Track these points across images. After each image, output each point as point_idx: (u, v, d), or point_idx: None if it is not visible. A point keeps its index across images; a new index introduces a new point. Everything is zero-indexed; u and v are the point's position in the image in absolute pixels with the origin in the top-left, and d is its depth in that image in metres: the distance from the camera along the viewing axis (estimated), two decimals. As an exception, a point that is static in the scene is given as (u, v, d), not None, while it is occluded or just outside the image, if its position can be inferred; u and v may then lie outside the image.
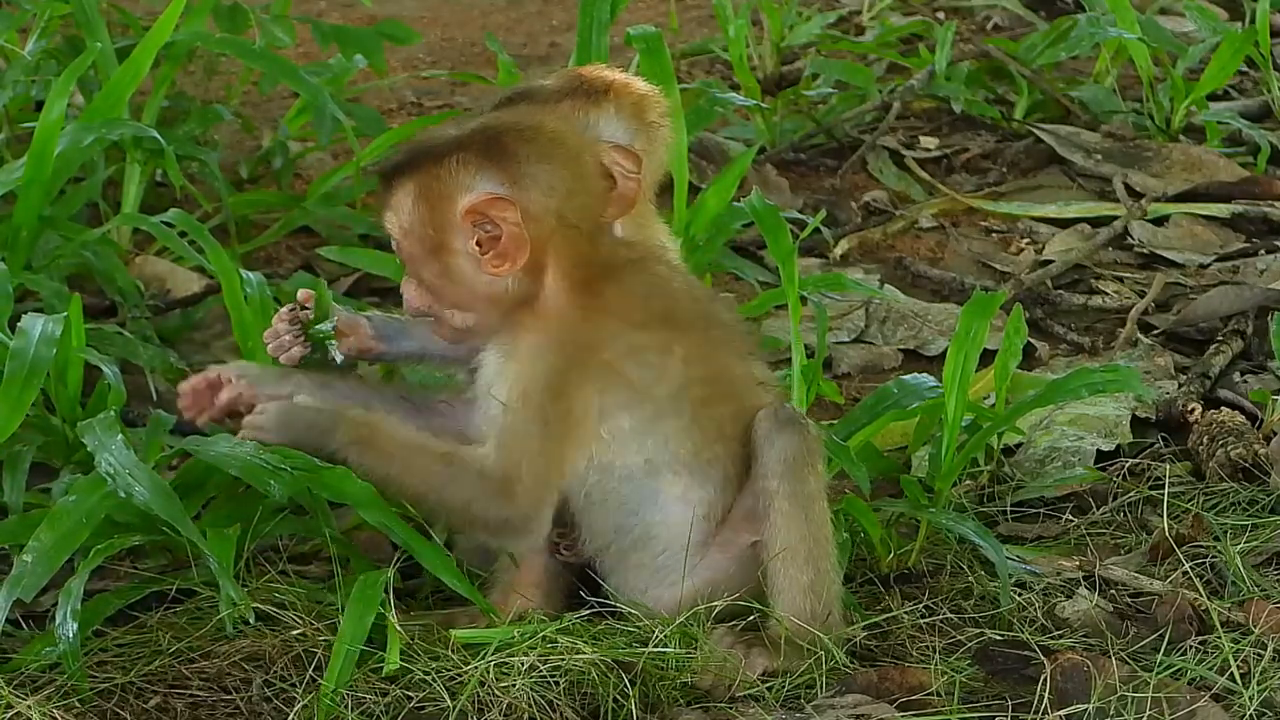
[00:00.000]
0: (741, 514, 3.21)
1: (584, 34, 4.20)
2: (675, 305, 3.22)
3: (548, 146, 3.13)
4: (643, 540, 3.22)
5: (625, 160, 3.28)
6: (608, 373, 3.14)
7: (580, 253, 3.16)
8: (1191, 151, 5.58)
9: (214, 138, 5.16)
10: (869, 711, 3.07)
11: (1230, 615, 3.30)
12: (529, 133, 3.14)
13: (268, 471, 3.19)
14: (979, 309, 3.58)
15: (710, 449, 3.21)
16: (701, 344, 3.22)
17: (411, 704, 3.03)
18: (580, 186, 3.15)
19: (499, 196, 3.09)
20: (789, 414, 3.20)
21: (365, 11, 6.51)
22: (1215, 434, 3.95)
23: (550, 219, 3.12)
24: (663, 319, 3.19)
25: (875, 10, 6.85)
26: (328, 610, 3.20)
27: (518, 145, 3.12)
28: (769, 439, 3.18)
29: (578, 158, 3.16)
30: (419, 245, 3.16)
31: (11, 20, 4.77)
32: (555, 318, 3.14)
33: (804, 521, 3.16)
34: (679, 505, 3.21)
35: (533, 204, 3.10)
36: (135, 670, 3.12)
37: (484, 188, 3.10)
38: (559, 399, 3.11)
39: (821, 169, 5.63)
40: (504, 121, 3.19)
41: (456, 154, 3.12)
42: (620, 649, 3.11)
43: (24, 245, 3.89)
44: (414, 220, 3.14)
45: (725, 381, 3.23)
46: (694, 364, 3.19)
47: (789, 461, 3.16)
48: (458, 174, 3.11)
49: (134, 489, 3.09)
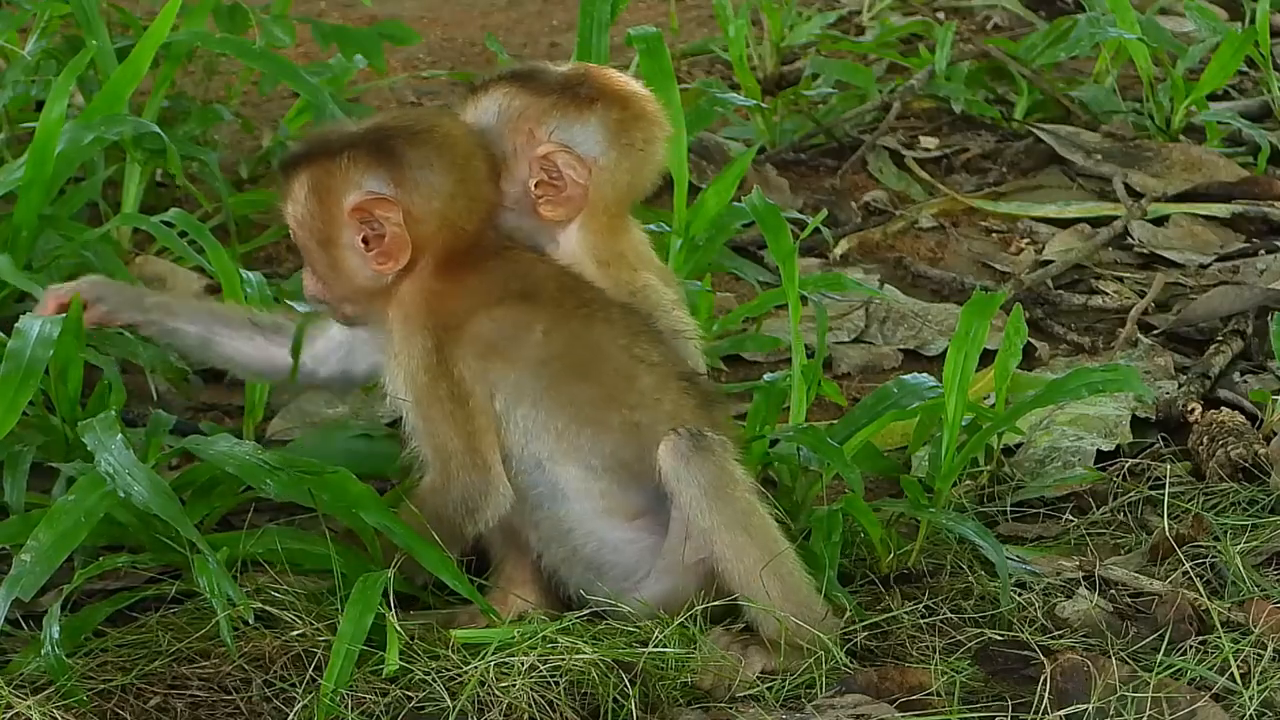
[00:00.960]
0: (679, 537, 3.18)
1: (584, 34, 4.20)
2: (536, 285, 3.24)
3: (435, 150, 3.21)
4: (564, 537, 3.23)
5: (576, 165, 3.31)
6: (473, 348, 3.17)
7: (454, 248, 3.23)
8: (1191, 151, 5.58)
9: (214, 138, 5.16)
10: (869, 711, 3.07)
11: (1230, 615, 3.30)
12: (420, 136, 3.22)
13: (265, 470, 3.19)
14: (979, 309, 3.57)
15: (583, 434, 3.19)
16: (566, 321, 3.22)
17: (411, 704, 3.03)
18: (464, 190, 3.23)
19: (383, 197, 3.18)
20: (689, 442, 3.15)
21: (365, 11, 6.51)
22: (1215, 434, 3.95)
23: (433, 220, 3.21)
24: (520, 296, 3.22)
25: (875, 10, 6.85)
26: (327, 610, 3.20)
27: (406, 148, 3.20)
28: (680, 477, 3.14)
29: (466, 162, 3.24)
30: (310, 237, 3.26)
31: (11, 20, 4.77)
32: (414, 303, 3.21)
33: (750, 543, 3.14)
34: (581, 499, 3.21)
35: (415, 205, 3.20)
36: (135, 670, 3.12)
37: (370, 187, 3.19)
38: (443, 375, 3.17)
39: (821, 169, 5.63)
40: (397, 122, 3.27)
41: (348, 151, 3.21)
42: (620, 649, 3.11)
43: (24, 245, 3.89)
44: (306, 212, 3.25)
45: (593, 361, 3.22)
46: (556, 341, 3.20)
47: (711, 492, 3.14)
48: (347, 171, 3.20)
49: (133, 489, 3.09)
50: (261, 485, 3.19)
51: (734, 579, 3.14)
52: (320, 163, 3.22)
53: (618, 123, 3.37)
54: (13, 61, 4.71)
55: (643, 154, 3.40)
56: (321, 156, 3.23)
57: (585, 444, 3.20)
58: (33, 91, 4.71)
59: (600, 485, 3.21)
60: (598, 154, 3.35)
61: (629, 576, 3.23)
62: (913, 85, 5.91)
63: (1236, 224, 5.25)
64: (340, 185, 3.20)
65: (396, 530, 3.15)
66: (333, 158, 3.21)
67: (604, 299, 3.30)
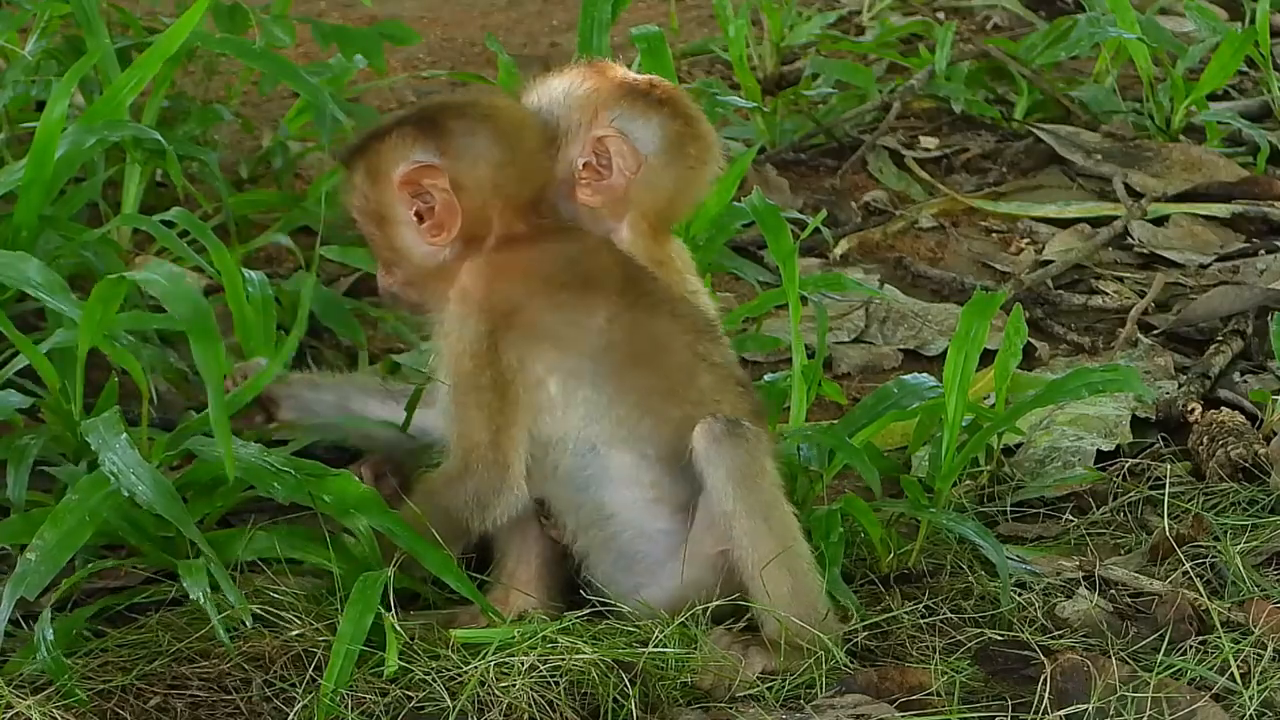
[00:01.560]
0: (704, 525, 3.20)
1: (585, 34, 4.20)
2: (601, 271, 3.26)
3: (480, 120, 3.28)
4: (603, 523, 3.23)
5: (628, 156, 3.35)
6: (531, 333, 3.19)
7: (512, 226, 3.26)
8: (1191, 151, 5.58)
9: (214, 138, 5.16)
10: (869, 711, 3.07)
11: (1230, 615, 3.30)
12: (464, 108, 3.30)
13: (271, 473, 3.19)
14: (979, 309, 3.58)
15: (643, 422, 3.20)
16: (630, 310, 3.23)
17: (411, 704, 3.03)
18: (513, 158, 3.27)
19: (428, 164, 3.23)
20: (723, 426, 3.17)
21: (365, 11, 6.50)
22: (1215, 434, 3.95)
23: (484, 188, 3.25)
24: (585, 282, 3.23)
25: (875, 10, 6.85)
26: (327, 610, 3.20)
27: (450, 119, 3.27)
28: (709, 458, 3.16)
29: (514, 131, 3.29)
30: (370, 221, 3.32)
31: (11, 20, 4.76)
32: (474, 284, 3.22)
33: (768, 533, 3.15)
34: (630, 486, 3.22)
35: (463, 173, 3.24)
36: (135, 670, 3.12)
37: (416, 158, 3.24)
38: (490, 363, 3.18)
39: (821, 169, 5.63)
40: (443, 101, 3.39)
41: (395, 130, 3.28)
42: (620, 649, 3.11)
43: (24, 245, 3.88)
44: (363, 197, 3.31)
45: (657, 352, 3.24)
46: (619, 329, 3.21)
47: (737, 477, 3.15)
48: (396, 148, 3.27)
49: (137, 488, 3.10)
50: (267, 488, 3.19)
51: (747, 568, 3.15)
52: (371, 147, 3.30)
53: (678, 133, 3.42)
54: (13, 61, 4.71)
55: (691, 171, 3.45)
56: (373, 141, 3.31)
57: (644, 433, 3.21)
58: (33, 92, 4.70)
59: (651, 475, 3.22)
60: (650, 153, 3.38)
61: (656, 570, 3.23)
62: (913, 85, 5.91)
63: (1236, 224, 5.25)
64: (390, 162, 3.27)
65: (399, 532, 3.15)
66: (382, 139, 3.29)
67: (669, 291, 3.33)
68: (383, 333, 4.44)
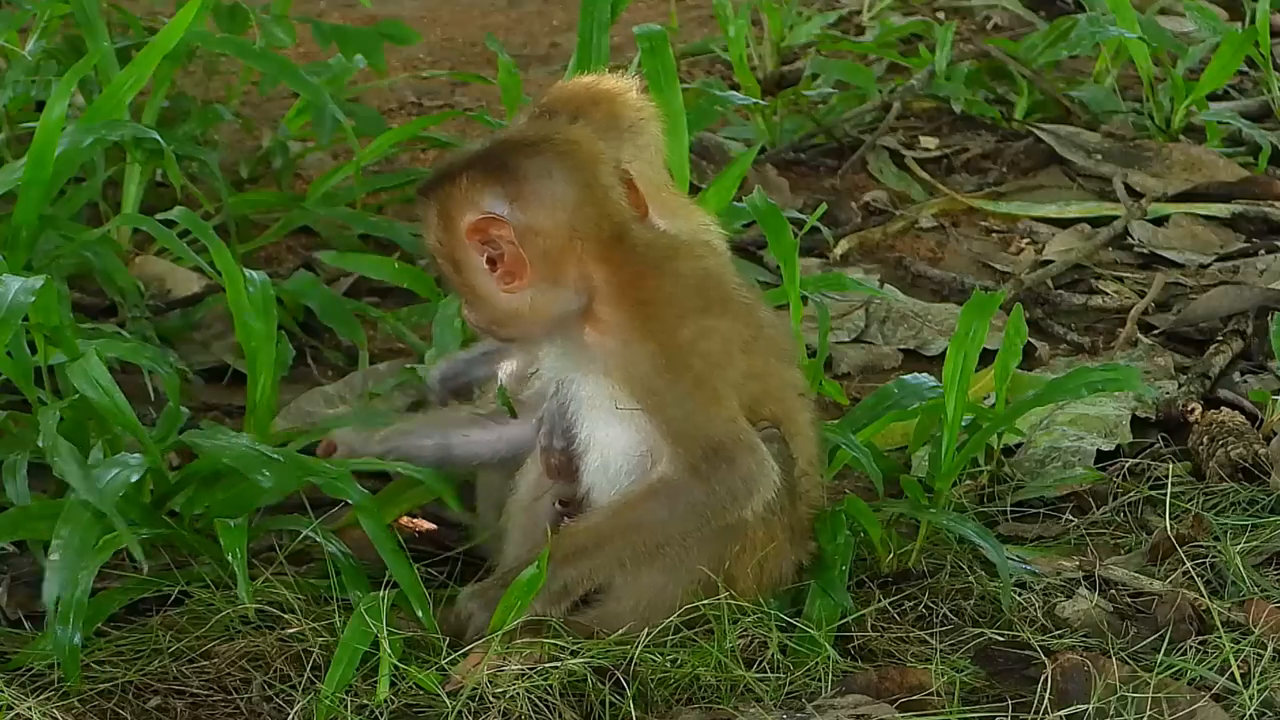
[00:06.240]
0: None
1: (585, 34, 4.20)
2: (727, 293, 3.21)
3: (554, 160, 3.12)
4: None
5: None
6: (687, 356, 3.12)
7: (613, 256, 3.13)
8: (1191, 151, 5.58)
9: (214, 138, 5.16)
10: (869, 711, 3.07)
11: (1230, 615, 3.30)
12: (537, 147, 3.13)
13: (261, 460, 3.20)
14: (979, 309, 3.58)
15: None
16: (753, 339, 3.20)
17: (410, 705, 3.03)
18: (590, 196, 3.12)
19: (494, 217, 3.09)
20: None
21: (365, 11, 6.50)
22: (1215, 434, 3.95)
23: (562, 232, 3.10)
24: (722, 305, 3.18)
25: (875, 10, 6.86)
26: (326, 610, 3.20)
27: (521, 161, 3.11)
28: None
29: (588, 168, 3.14)
30: (445, 262, 3.19)
31: (11, 20, 4.77)
32: (617, 318, 3.13)
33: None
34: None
35: (537, 220, 3.10)
36: (135, 670, 3.13)
37: (485, 206, 3.10)
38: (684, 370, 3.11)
39: (821, 169, 5.63)
40: (513, 137, 3.19)
41: (465, 173, 3.13)
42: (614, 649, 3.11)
43: (24, 245, 3.89)
44: (435, 238, 3.17)
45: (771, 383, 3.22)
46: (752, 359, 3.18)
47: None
48: (466, 192, 3.12)
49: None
50: (256, 475, 3.19)
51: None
52: (444, 187, 3.15)
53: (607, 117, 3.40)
54: (13, 61, 4.71)
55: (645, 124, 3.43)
56: (445, 181, 3.15)
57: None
58: (33, 92, 4.71)
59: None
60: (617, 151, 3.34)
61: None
62: (913, 85, 5.92)
63: (1236, 224, 5.25)
64: (459, 208, 3.11)
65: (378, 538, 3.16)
66: (453, 180, 3.14)
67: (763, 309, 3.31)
68: (383, 333, 4.44)
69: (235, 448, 3.23)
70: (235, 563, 3.12)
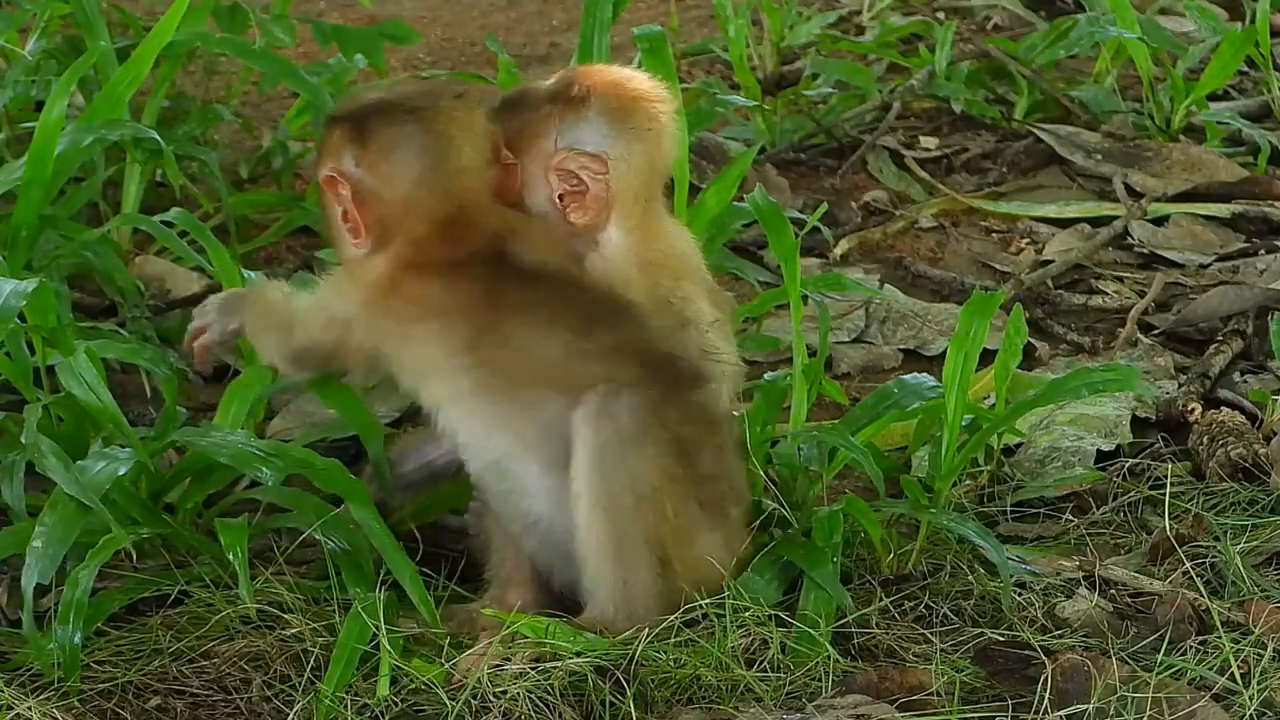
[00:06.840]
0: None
1: (586, 34, 4.20)
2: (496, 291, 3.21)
3: (411, 132, 3.20)
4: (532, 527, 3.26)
5: (590, 163, 3.31)
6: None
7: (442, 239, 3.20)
8: (1191, 151, 5.58)
9: (214, 138, 5.16)
10: (869, 711, 3.07)
11: (1230, 615, 3.30)
12: (402, 116, 3.22)
13: (259, 458, 3.20)
14: (979, 309, 3.57)
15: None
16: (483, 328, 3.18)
17: (411, 705, 3.03)
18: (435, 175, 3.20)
19: (341, 173, 3.21)
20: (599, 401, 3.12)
21: (365, 11, 6.50)
22: (1215, 434, 3.95)
23: (397, 203, 3.19)
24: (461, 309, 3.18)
25: (875, 10, 6.85)
26: (326, 610, 3.20)
27: (380, 128, 3.21)
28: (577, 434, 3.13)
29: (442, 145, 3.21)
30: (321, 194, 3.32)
31: (11, 20, 4.77)
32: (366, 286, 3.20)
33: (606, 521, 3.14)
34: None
35: (376, 186, 3.20)
36: (135, 670, 3.12)
37: (337, 163, 3.23)
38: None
39: (821, 169, 5.62)
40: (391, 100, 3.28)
41: (339, 125, 3.26)
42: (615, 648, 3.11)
43: (24, 245, 3.89)
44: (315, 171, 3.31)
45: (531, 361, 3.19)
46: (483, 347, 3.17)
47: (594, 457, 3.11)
48: (332, 144, 3.25)
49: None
50: (255, 473, 3.20)
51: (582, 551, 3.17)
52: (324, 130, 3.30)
53: (616, 111, 3.37)
54: (13, 61, 4.71)
55: (650, 133, 3.40)
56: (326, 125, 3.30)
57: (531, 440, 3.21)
58: (33, 92, 4.71)
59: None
60: (607, 147, 3.34)
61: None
62: (913, 85, 5.91)
63: (1236, 224, 5.25)
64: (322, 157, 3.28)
65: (373, 530, 3.16)
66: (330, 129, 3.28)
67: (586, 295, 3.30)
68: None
69: (231, 446, 3.23)
70: (236, 562, 3.13)
